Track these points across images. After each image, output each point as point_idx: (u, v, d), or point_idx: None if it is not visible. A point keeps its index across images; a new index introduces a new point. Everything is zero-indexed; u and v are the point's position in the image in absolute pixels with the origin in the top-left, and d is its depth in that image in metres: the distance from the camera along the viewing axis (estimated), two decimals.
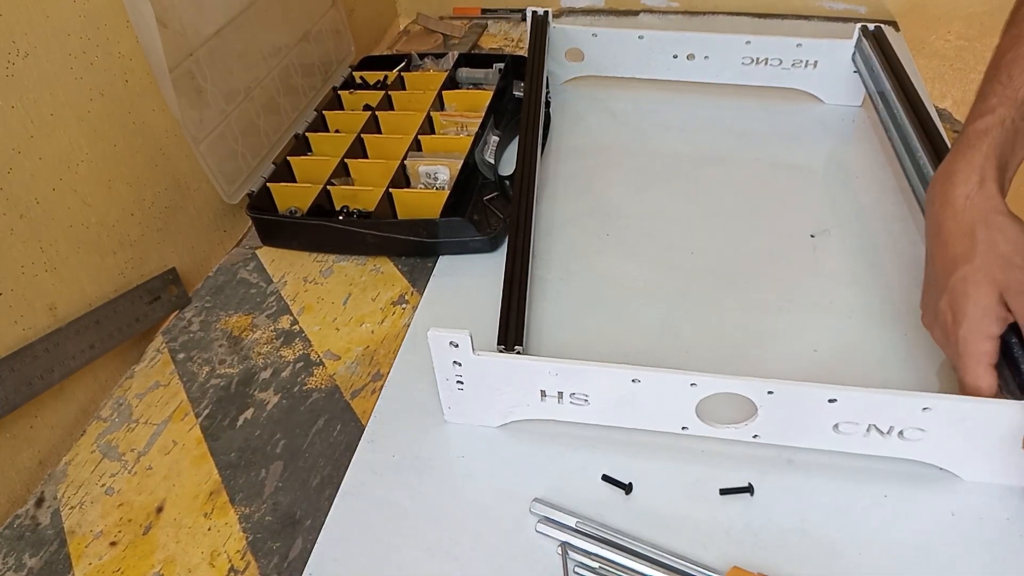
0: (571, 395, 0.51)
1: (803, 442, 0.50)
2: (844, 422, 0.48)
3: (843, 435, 0.49)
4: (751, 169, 0.78)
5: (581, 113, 0.88)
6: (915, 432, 0.47)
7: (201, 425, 0.58)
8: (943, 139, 0.66)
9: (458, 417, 0.54)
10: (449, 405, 0.54)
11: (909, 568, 0.45)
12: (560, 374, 0.49)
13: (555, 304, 0.64)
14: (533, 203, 0.67)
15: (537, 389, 0.51)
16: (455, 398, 0.53)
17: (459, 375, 0.51)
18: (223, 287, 0.70)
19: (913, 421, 0.47)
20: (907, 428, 0.47)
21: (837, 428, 0.48)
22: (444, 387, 0.53)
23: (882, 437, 0.48)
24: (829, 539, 0.46)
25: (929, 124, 0.67)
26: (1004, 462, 0.47)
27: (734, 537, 0.47)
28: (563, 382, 0.50)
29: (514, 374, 0.51)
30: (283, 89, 0.85)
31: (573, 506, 0.48)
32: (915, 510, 0.48)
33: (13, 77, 0.53)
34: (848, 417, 0.48)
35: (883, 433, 0.48)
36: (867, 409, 0.47)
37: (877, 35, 0.80)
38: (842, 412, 0.47)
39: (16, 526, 0.52)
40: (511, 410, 0.53)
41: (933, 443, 0.48)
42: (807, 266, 0.66)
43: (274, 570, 0.48)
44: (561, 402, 0.51)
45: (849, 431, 0.48)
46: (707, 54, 0.86)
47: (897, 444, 0.49)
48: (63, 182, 0.58)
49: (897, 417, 0.47)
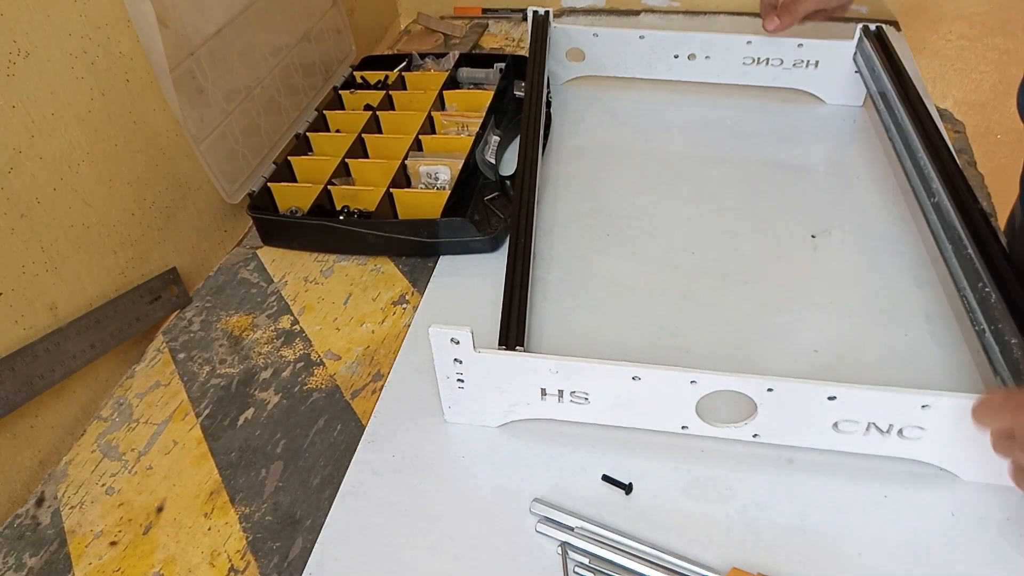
0: (571, 393, 0.51)
1: (803, 441, 0.50)
2: (844, 420, 0.48)
3: (843, 434, 0.49)
4: (752, 169, 0.78)
5: (582, 113, 0.88)
6: (915, 431, 0.47)
7: (201, 425, 0.58)
8: (944, 139, 0.65)
9: (458, 417, 0.54)
10: (449, 404, 0.54)
11: (909, 568, 0.45)
12: (561, 371, 0.49)
13: (555, 304, 0.64)
14: (534, 202, 0.67)
15: (537, 387, 0.51)
16: (455, 397, 0.53)
17: (460, 373, 0.51)
18: (224, 287, 0.70)
19: (912, 419, 0.47)
20: (907, 426, 0.47)
21: (837, 427, 0.48)
22: (444, 385, 0.52)
23: (882, 436, 0.48)
24: (829, 539, 0.46)
25: (930, 124, 0.67)
26: (1003, 462, 0.47)
27: (734, 537, 0.47)
28: (563, 380, 0.50)
29: (515, 372, 0.50)
30: (284, 89, 0.85)
31: (573, 506, 0.48)
32: (915, 510, 0.48)
33: (14, 77, 0.53)
34: (848, 415, 0.48)
35: (883, 432, 0.48)
36: (866, 407, 0.47)
37: (878, 35, 0.80)
38: (842, 410, 0.47)
39: (16, 525, 0.52)
40: (511, 409, 0.53)
41: (933, 442, 0.48)
42: (808, 266, 0.66)
43: (274, 570, 0.48)
44: (561, 401, 0.51)
45: (849, 430, 0.48)
46: (708, 54, 0.86)
47: (897, 443, 0.49)
48: (64, 182, 0.58)
49: (896, 415, 0.47)
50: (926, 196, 0.64)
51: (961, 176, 0.61)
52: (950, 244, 0.59)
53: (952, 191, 0.60)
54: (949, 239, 0.59)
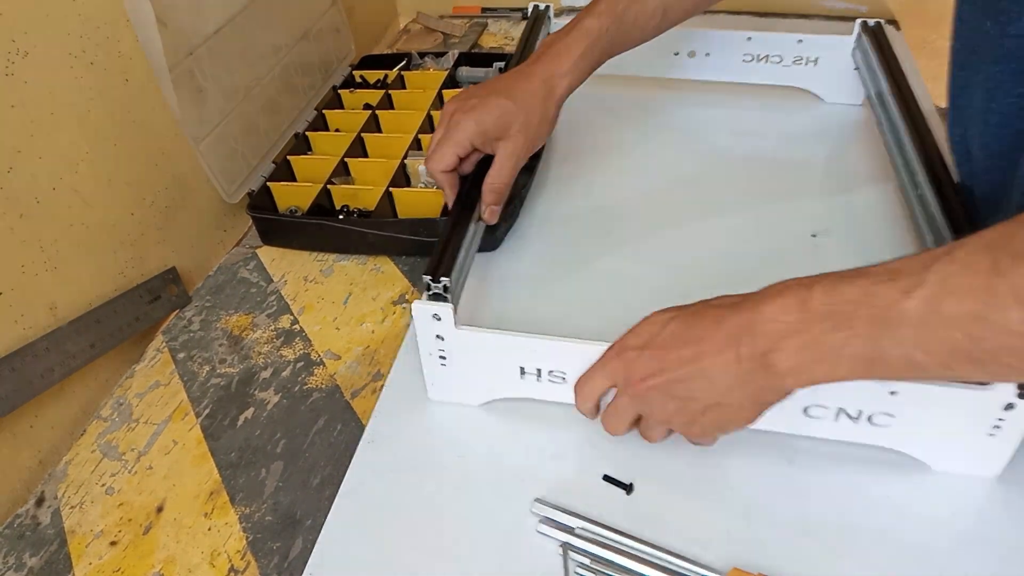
0: (549, 372, 0.51)
1: (775, 426, 0.51)
2: (814, 405, 0.48)
3: (813, 419, 0.49)
4: (752, 169, 0.78)
5: (581, 113, 0.88)
6: (884, 417, 0.48)
7: (201, 425, 0.58)
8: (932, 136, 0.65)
9: (441, 394, 0.55)
10: (432, 382, 0.55)
11: (910, 568, 0.45)
12: (538, 349, 0.50)
13: (555, 304, 0.64)
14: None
15: (516, 366, 0.52)
16: (438, 374, 0.54)
17: (442, 350, 0.52)
18: (223, 286, 0.70)
19: (881, 406, 0.47)
20: (876, 413, 0.47)
21: (807, 412, 0.49)
22: (428, 362, 0.53)
23: (852, 423, 0.48)
24: (830, 539, 0.46)
25: (919, 120, 0.67)
26: (972, 451, 0.48)
27: (734, 537, 0.47)
28: (541, 359, 0.51)
29: (494, 349, 0.51)
30: (283, 88, 0.85)
31: (574, 506, 0.48)
32: (916, 511, 0.48)
33: (13, 76, 0.53)
34: (817, 400, 0.48)
35: (852, 418, 0.48)
36: (835, 392, 0.47)
37: (876, 31, 0.80)
38: (811, 395, 0.47)
39: (16, 525, 0.52)
40: (492, 388, 0.54)
41: (902, 430, 0.48)
42: (809, 266, 0.65)
43: (274, 570, 0.48)
44: (540, 380, 0.52)
45: (819, 415, 0.49)
46: (708, 51, 0.86)
47: (867, 430, 0.49)
48: (63, 181, 0.58)
49: (865, 401, 0.47)
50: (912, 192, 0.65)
51: (946, 171, 0.61)
52: (931, 235, 0.60)
53: (936, 185, 0.60)
54: (930, 231, 0.60)
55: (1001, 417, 0.45)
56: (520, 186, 0.73)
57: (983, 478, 0.49)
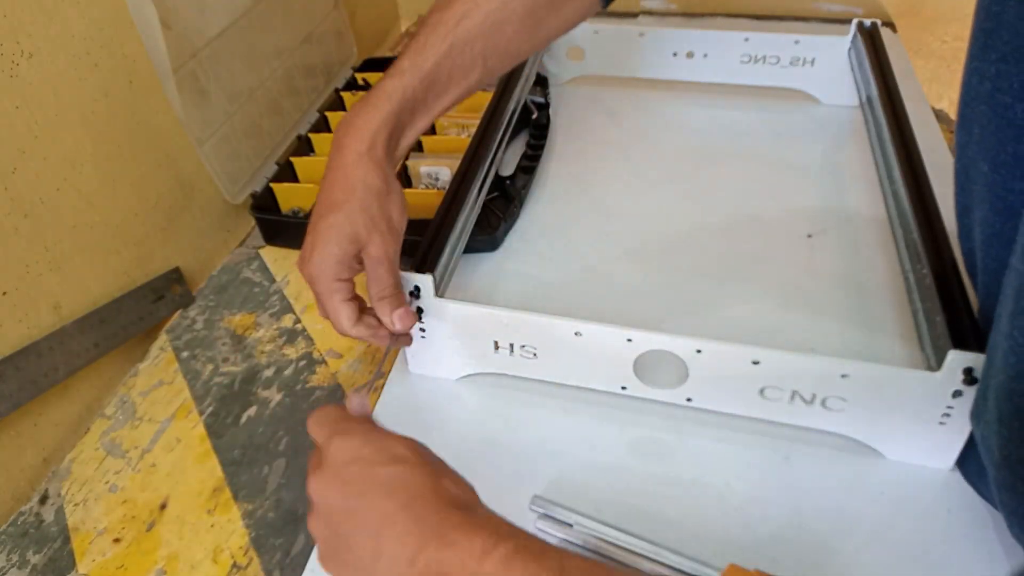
0: (521, 347, 0.53)
1: (733, 408, 0.51)
2: (769, 387, 0.49)
3: (769, 401, 0.50)
4: (749, 169, 0.78)
5: (581, 113, 0.89)
6: (837, 401, 0.48)
7: (205, 422, 0.58)
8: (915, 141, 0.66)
9: (420, 367, 0.57)
10: (412, 354, 0.57)
11: (907, 565, 0.45)
12: (510, 324, 0.52)
13: (555, 304, 0.64)
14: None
15: (491, 340, 0.53)
16: (418, 346, 0.56)
17: (421, 323, 0.54)
18: (227, 286, 0.71)
19: (833, 389, 0.47)
20: (829, 396, 0.48)
21: (763, 393, 0.49)
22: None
23: (806, 406, 0.49)
24: (826, 537, 0.47)
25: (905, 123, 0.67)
26: (924, 440, 0.48)
27: (732, 535, 0.47)
28: (513, 333, 0.52)
29: (470, 322, 0.53)
30: (286, 90, 0.85)
31: (572, 503, 0.49)
32: (912, 508, 0.48)
33: (17, 78, 0.54)
34: (772, 382, 0.48)
35: (807, 401, 0.49)
36: (789, 373, 0.48)
37: (872, 31, 0.81)
38: (766, 376, 0.48)
39: (20, 523, 0.53)
40: (468, 362, 0.56)
41: (854, 415, 0.49)
42: (804, 266, 0.66)
43: (276, 566, 0.48)
44: (512, 354, 0.54)
45: (774, 397, 0.49)
46: (706, 52, 0.86)
47: (821, 414, 0.49)
48: (67, 182, 0.59)
49: (817, 383, 0.48)
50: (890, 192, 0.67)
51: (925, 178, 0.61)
52: (901, 230, 0.61)
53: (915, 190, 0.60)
54: (901, 225, 0.62)
55: (950, 404, 0.46)
56: (520, 186, 0.74)
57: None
